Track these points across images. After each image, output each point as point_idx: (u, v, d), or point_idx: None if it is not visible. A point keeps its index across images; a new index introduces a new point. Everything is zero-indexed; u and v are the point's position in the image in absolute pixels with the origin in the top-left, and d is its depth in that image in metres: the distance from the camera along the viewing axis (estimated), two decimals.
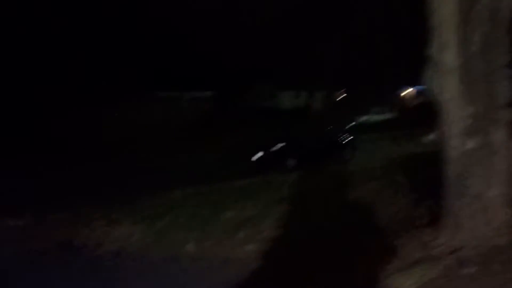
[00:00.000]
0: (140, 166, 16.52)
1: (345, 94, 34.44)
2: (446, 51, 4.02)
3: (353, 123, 25.93)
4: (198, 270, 5.33)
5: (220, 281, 4.96)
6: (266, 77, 35.57)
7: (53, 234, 7.94)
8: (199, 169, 15.74)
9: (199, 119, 29.68)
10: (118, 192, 11.49)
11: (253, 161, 15.07)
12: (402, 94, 37.28)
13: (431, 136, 15.90)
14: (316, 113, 30.59)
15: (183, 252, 5.88)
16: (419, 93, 37.52)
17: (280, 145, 15.01)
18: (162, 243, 6.36)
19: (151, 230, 7.10)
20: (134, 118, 27.12)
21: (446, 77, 4.05)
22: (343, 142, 16.50)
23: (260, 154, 15.08)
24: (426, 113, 18.61)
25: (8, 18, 23.27)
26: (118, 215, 8.71)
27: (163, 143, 21.58)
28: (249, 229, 6.17)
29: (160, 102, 31.22)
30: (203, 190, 11.00)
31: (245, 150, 15.92)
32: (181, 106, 33.02)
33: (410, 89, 37.81)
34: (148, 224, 7.59)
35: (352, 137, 16.94)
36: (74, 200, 10.48)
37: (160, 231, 6.99)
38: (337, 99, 34.58)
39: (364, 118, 27.12)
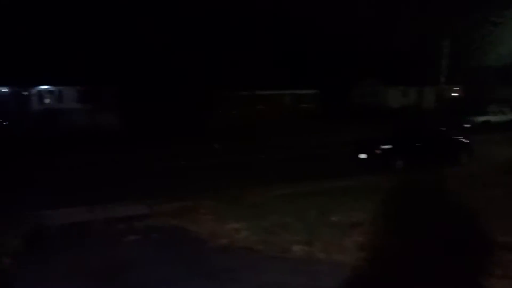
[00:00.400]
0: (241, 162, 16.93)
1: (458, 92, 31.55)
2: None
3: (469, 124, 23.62)
4: (307, 273, 5.18)
5: (331, 286, 4.75)
6: (372, 74, 34.22)
7: (168, 223, 8.41)
8: (303, 167, 15.60)
9: (302, 116, 29.60)
10: (223, 186, 11.89)
11: (359, 161, 14.48)
12: None
13: None
14: (426, 112, 28.52)
15: (291, 253, 5.76)
16: None
17: (388, 145, 14.17)
18: (269, 242, 6.31)
19: (258, 228, 7.12)
20: (237, 115, 28.07)
21: None
22: (459, 144, 15.06)
23: (366, 153, 14.42)
24: None
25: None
26: (223, 209, 8.97)
27: (266, 139, 21.89)
28: (358, 235, 5.82)
29: (264, 100, 31.85)
30: (307, 189, 10.86)
31: (350, 149, 15.38)
32: (285, 103, 33.27)
33: None
34: (254, 221, 7.64)
35: (468, 139, 15.37)
36: (183, 191, 11.10)
37: (266, 230, 6.97)
38: (450, 97, 31.79)
39: (482, 118, 24.44)
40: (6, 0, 23.55)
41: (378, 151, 14.09)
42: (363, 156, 14.45)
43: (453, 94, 32.02)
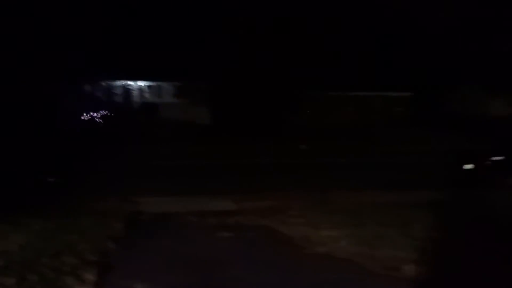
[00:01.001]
0: (328, 164, 16.22)
1: None
2: None
3: None
4: None
5: None
6: (473, 78, 31.20)
7: (257, 222, 8.11)
8: (394, 175, 14.53)
9: (392, 121, 27.95)
10: (309, 188, 11.37)
11: (463, 172, 12.99)
12: None
13: None
14: None
15: (400, 273, 5.05)
16: None
17: (498, 157, 12.51)
18: (373, 256, 5.64)
19: (356, 238, 6.47)
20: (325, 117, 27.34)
21: None
22: None
23: (472, 164, 12.89)
24: None
25: None
26: (314, 213, 8.46)
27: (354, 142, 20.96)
28: None
29: (352, 102, 30.73)
30: (405, 199, 9.90)
31: (452, 159, 13.93)
32: (374, 106, 31.77)
33: None
34: (351, 230, 7.01)
35: None
36: (269, 190, 10.79)
37: (366, 241, 6.30)
38: None
39: None
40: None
41: (488, 163, 12.51)
42: (469, 167, 12.93)
43: None
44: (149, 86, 31.50)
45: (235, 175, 13.92)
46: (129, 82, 30.42)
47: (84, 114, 24.34)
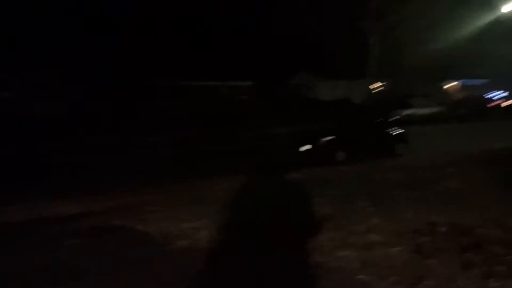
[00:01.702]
0: (181, 155, 16.19)
1: (386, 86, 33.08)
2: None
3: (398, 116, 24.81)
4: None
5: None
6: (304, 67, 34.79)
7: (110, 223, 7.57)
8: (243, 160, 15.20)
9: (239, 108, 29.19)
10: (164, 179, 11.18)
11: (301, 153, 14.41)
12: (446, 87, 35.66)
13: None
14: (357, 105, 29.50)
15: None
16: (464, 86, 35.86)
17: (328, 137, 14.23)
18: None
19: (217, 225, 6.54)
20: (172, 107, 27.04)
21: None
22: (395, 136, 15.58)
23: (308, 146, 14.37)
24: (472, 106, 17.54)
25: None
26: (172, 206, 8.33)
27: (203, 132, 21.21)
28: (335, 230, 5.51)
29: (199, 91, 31.01)
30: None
31: (292, 141, 15.29)
32: (220, 95, 32.67)
33: (454, 82, 36.12)
34: (210, 218, 7.07)
35: (402, 130, 15.95)
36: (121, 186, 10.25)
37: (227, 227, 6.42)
38: (377, 91, 33.25)
39: (409, 111, 25.79)
40: None
41: (320, 143, 14.09)
42: (305, 148, 14.39)
43: (382, 88, 33.47)
44: None
45: (78, 173, 12.82)
46: None
47: None
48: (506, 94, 31.14)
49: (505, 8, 17.20)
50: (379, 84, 33.44)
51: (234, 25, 30.81)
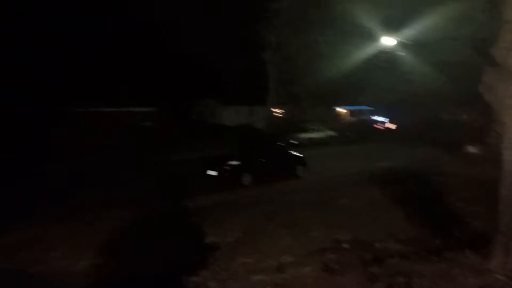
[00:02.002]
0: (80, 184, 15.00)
1: (285, 112, 34.75)
2: None
3: (296, 140, 26.11)
4: None
5: None
6: (209, 94, 35.09)
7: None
8: (150, 187, 14.64)
9: (142, 135, 28.17)
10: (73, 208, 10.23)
11: (208, 177, 14.31)
12: (337, 112, 38.69)
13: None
14: (259, 130, 30.50)
15: None
16: (352, 112, 39.29)
17: (234, 161, 14.37)
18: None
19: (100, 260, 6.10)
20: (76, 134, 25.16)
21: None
22: (295, 159, 16.30)
23: (215, 170, 14.33)
24: (360, 130, 19.15)
25: None
26: (75, 238, 7.61)
27: (106, 160, 19.93)
28: (248, 255, 5.48)
29: (101, 118, 29.30)
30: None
31: (198, 166, 15.12)
32: (122, 121, 31.24)
33: (344, 108, 39.42)
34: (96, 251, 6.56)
35: (301, 154, 16.79)
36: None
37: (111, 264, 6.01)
38: (278, 117, 34.78)
39: (306, 135, 27.31)
40: None
41: (227, 167, 14.14)
42: (212, 173, 14.32)
43: (280, 114, 35.09)
44: None
45: None
46: None
47: None
48: (386, 119, 34.94)
49: (385, 41, 19.43)
50: (278, 110, 35.08)
51: (138, 51, 29.96)
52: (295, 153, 16.76)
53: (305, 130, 27.74)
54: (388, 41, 19.50)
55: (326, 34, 22.95)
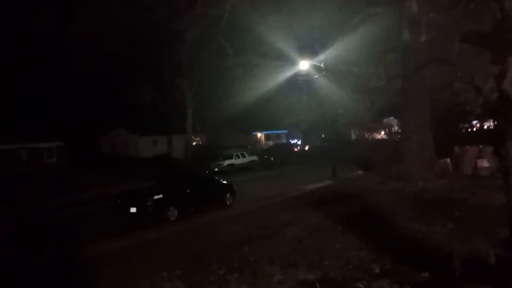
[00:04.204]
0: None
1: (203, 140, 33.46)
2: None
3: (217, 167, 24.90)
4: None
5: None
6: (121, 124, 32.43)
7: None
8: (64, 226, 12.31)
9: (44, 172, 24.65)
10: None
11: (130, 215, 12.35)
12: (256, 137, 38.39)
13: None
14: (178, 160, 28.67)
15: None
16: (269, 136, 39.33)
17: (156, 195, 12.62)
18: None
19: None
20: None
21: None
22: (223, 186, 15.04)
23: (136, 206, 12.44)
24: (280, 153, 18.61)
25: None
26: None
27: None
28: None
29: None
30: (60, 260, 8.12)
31: (115, 203, 13.08)
32: (22, 159, 27.32)
33: (261, 133, 39.27)
34: None
35: (227, 181, 15.61)
36: None
37: None
38: (197, 145, 33.29)
39: (227, 162, 26.18)
40: None
41: (149, 203, 12.35)
42: (133, 209, 12.40)
43: (198, 142, 33.63)
44: None
45: None
46: None
47: None
48: (299, 141, 35.49)
49: (302, 65, 19.35)
50: (197, 138, 33.66)
51: (44, 83, 26.55)
52: (222, 181, 15.54)
53: (226, 157, 26.65)
54: (303, 65, 19.44)
55: (241, 58, 22.42)
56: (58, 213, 14.60)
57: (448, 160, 13.94)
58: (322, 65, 18.05)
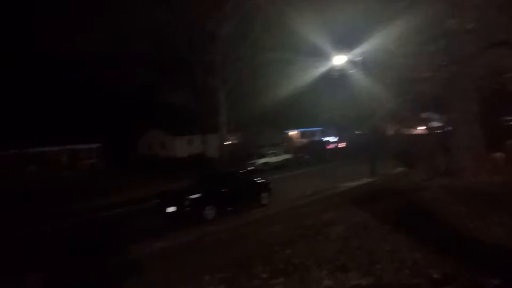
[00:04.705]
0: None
1: (238, 138, 33.39)
2: None
3: (253, 166, 24.72)
4: None
5: None
6: (157, 126, 32.95)
7: None
8: (104, 228, 12.50)
9: (84, 173, 25.40)
10: None
11: (167, 215, 12.38)
12: (289, 135, 37.99)
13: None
14: (214, 159, 28.73)
15: None
16: (303, 134, 38.77)
17: (194, 195, 12.58)
18: None
19: None
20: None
21: None
22: (259, 185, 14.83)
23: (174, 206, 12.44)
24: (314, 151, 18.14)
25: None
26: None
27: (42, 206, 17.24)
28: None
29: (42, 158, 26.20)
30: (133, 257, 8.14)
31: (154, 204, 13.16)
32: (64, 161, 28.26)
33: (295, 131, 38.77)
34: None
35: (264, 180, 15.37)
36: None
37: None
38: (231, 144, 33.28)
39: (262, 160, 25.97)
40: None
41: (187, 202, 12.33)
42: (171, 209, 12.42)
43: (232, 141, 33.56)
44: None
45: None
46: None
47: None
48: (336, 138, 34.68)
49: (337, 60, 18.79)
50: (232, 136, 33.62)
51: (83, 87, 27.35)
52: (258, 180, 15.34)
53: (260, 155, 26.44)
54: (339, 59, 18.85)
55: (274, 54, 22.09)
56: (98, 214, 14.87)
57: (500, 154, 13.07)
58: (359, 59, 17.41)
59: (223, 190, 13.19)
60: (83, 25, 21.77)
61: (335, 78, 23.14)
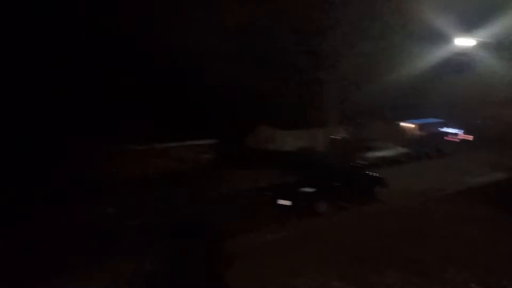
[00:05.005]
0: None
1: (346, 132, 32.48)
2: None
3: (365, 161, 23.85)
4: None
5: None
6: (266, 121, 33.80)
7: None
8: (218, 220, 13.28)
9: (201, 167, 27.25)
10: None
11: (281, 207, 12.67)
12: (403, 127, 35.67)
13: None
14: (323, 152, 28.52)
15: None
16: (421, 126, 36.06)
17: (309, 189, 12.64)
18: None
19: None
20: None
21: None
22: (373, 180, 14.29)
23: (288, 199, 12.66)
24: (432, 144, 16.44)
25: None
26: None
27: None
28: None
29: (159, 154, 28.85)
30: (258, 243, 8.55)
31: (265, 196, 13.54)
32: (182, 155, 30.71)
33: (410, 122, 36.29)
34: None
35: (378, 174, 14.73)
36: None
37: None
38: (339, 137, 32.60)
39: (374, 154, 24.89)
40: None
41: (300, 196, 12.47)
42: (285, 202, 12.67)
43: (341, 134, 32.79)
44: None
45: None
46: None
47: None
48: (460, 130, 31.56)
49: (459, 42, 16.95)
50: (340, 130, 32.88)
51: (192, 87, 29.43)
52: (372, 174, 14.78)
53: (371, 149, 25.34)
54: (463, 42, 16.97)
55: (385, 41, 20.89)
56: (213, 206, 15.81)
57: None
58: (491, 41, 15.55)
59: (335, 184, 13.04)
60: (187, 20, 22.56)
61: (458, 64, 21.03)
